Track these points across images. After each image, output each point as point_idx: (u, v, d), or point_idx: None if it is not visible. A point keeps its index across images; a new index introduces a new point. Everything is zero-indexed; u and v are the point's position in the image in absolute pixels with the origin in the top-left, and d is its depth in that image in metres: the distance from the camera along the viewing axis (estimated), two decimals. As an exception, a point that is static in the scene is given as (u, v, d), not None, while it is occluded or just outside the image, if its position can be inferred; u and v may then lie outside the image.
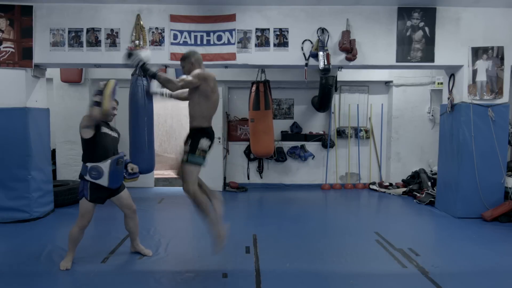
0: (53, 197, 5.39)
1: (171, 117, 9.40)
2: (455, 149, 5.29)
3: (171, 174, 8.26)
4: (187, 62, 3.11)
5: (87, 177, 3.29)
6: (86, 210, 3.34)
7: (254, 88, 6.32)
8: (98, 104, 3.22)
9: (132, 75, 5.75)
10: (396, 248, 3.99)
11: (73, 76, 6.88)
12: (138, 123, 5.71)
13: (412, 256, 3.76)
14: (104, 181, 3.30)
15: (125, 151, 5.80)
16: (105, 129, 3.36)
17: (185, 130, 11.15)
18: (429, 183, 6.60)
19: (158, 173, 8.03)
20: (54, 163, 6.01)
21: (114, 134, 3.48)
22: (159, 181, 7.71)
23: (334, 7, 5.05)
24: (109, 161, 3.29)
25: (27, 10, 4.89)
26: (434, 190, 6.18)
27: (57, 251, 3.79)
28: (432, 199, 5.97)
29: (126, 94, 5.92)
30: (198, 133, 3.19)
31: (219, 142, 7.06)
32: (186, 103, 3.43)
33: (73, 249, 3.44)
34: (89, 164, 3.29)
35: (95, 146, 3.30)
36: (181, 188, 3.34)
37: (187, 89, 3.24)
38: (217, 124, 6.50)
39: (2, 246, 4.03)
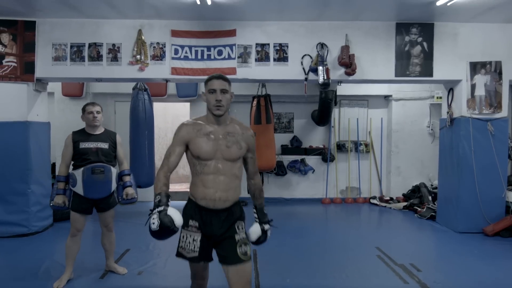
0: (52, 211, 5.36)
1: (172, 131, 9.41)
2: (455, 163, 5.28)
3: (171, 188, 8.23)
4: (230, 88, 2.21)
5: (69, 185, 3.34)
6: (73, 218, 3.35)
7: (255, 102, 6.36)
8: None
9: (133, 89, 5.82)
10: (397, 263, 3.95)
11: (74, 90, 6.93)
12: (139, 136, 5.75)
13: (414, 271, 3.72)
14: (79, 189, 3.29)
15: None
16: (85, 144, 3.32)
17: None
18: (430, 198, 6.57)
19: (158, 187, 7.99)
20: (54, 177, 5.99)
21: (101, 145, 3.38)
22: (159, 195, 7.65)
23: (333, 22, 5.11)
24: (81, 169, 3.27)
25: (30, 25, 4.95)
26: (435, 204, 6.15)
27: (55, 267, 3.75)
28: (433, 214, 5.94)
29: (127, 108, 5.98)
30: (242, 209, 2.33)
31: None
32: (186, 116, 3.31)
33: (70, 263, 3.40)
34: (70, 172, 3.35)
35: (75, 155, 3.34)
36: (182, 202, 3.15)
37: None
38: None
39: (0, 261, 3.99)
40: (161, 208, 2.00)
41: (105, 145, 3.40)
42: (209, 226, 2.17)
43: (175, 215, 2.01)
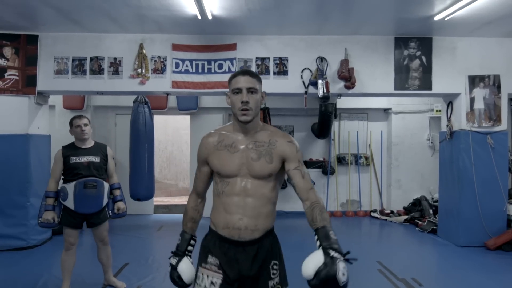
0: (51, 224, 5.33)
1: (172, 143, 9.43)
2: (455, 176, 5.27)
3: (170, 201, 8.21)
4: (260, 87, 1.76)
5: (60, 199, 3.28)
6: (65, 233, 3.32)
7: (254, 115, 6.39)
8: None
9: (134, 102, 5.85)
10: (398, 278, 3.91)
11: (75, 103, 6.96)
12: (139, 149, 5.75)
13: (416, 286, 3.68)
14: (70, 203, 3.23)
15: (125, 177, 5.83)
16: (76, 159, 3.27)
17: (186, 157, 10.82)
18: (431, 211, 6.53)
19: (158, 200, 7.98)
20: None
21: (92, 159, 3.32)
22: (159, 208, 7.64)
23: (333, 36, 5.17)
24: (74, 182, 3.22)
25: (33, 39, 5.01)
26: (436, 218, 6.11)
27: (53, 280, 3.72)
28: (434, 227, 5.90)
29: (128, 120, 6.00)
30: (277, 241, 1.86)
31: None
32: (187, 129, 3.18)
33: (67, 277, 3.36)
34: (61, 186, 3.29)
35: (66, 170, 3.29)
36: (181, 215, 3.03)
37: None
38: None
39: (-3, 274, 3.95)
40: (173, 261, 1.77)
41: (96, 159, 3.35)
42: (234, 264, 1.69)
43: (186, 270, 1.74)
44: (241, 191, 1.69)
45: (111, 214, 3.48)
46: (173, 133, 9.35)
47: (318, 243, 1.54)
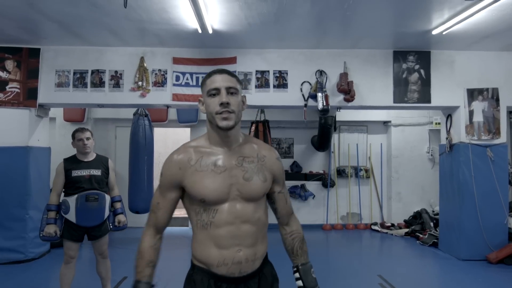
0: (49, 237, 5.29)
1: (172, 156, 9.43)
2: (455, 189, 5.26)
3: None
4: (241, 89, 1.52)
5: (61, 212, 3.25)
6: (66, 246, 3.29)
7: (253, 128, 6.41)
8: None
9: (134, 114, 5.87)
10: (400, 292, 3.87)
11: (76, 115, 6.99)
12: (139, 162, 5.75)
13: (417, 300, 3.64)
14: (71, 217, 3.21)
15: (124, 189, 5.81)
16: (77, 172, 3.26)
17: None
18: (432, 224, 6.49)
19: (157, 212, 7.91)
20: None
21: (94, 172, 3.32)
22: (158, 221, 7.57)
23: (332, 50, 5.22)
24: (75, 196, 3.21)
25: (35, 52, 5.05)
26: (436, 231, 6.07)
27: (51, 294, 3.67)
28: (435, 240, 5.86)
29: (128, 133, 6.01)
30: (272, 265, 1.65)
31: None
32: (186, 140, 3.14)
33: None
34: (62, 199, 3.27)
35: (68, 184, 3.27)
36: (180, 228, 3.04)
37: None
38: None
39: (-6, 288, 3.91)
40: None
41: (98, 172, 3.34)
42: None
43: None
44: (234, 218, 1.43)
45: (111, 227, 3.46)
46: (173, 146, 9.34)
47: (300, 282, 1.54)
